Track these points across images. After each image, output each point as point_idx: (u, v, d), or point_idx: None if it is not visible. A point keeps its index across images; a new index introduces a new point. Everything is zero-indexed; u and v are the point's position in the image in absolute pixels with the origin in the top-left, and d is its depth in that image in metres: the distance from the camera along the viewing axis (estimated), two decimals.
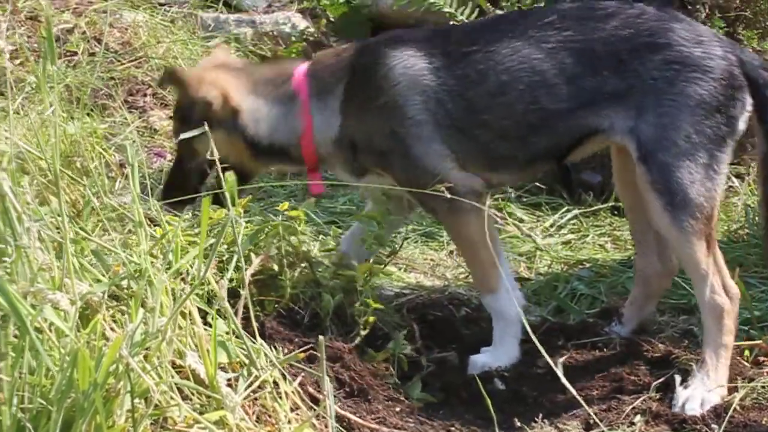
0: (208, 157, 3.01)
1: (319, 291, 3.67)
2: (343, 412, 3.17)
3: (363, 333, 3.66)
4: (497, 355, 3.76)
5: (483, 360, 3.76)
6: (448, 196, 3.45)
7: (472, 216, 3.68)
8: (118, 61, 5.98)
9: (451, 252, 4.84)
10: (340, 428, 3.15)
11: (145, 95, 5.80)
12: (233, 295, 3.09)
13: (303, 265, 3.72)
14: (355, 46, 3.88)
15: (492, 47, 3.69)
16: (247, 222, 3.70)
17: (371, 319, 3.67)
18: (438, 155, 3.69)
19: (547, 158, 3.79)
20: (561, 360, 3.24)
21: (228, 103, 3.73)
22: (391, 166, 3.72)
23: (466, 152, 3.71)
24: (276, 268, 3.64)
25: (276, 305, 3.60)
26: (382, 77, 3.70)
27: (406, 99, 3.68)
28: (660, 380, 3.65)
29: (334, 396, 3.20)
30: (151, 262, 2.93)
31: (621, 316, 4.04)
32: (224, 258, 3.47)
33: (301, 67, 3.82)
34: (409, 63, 3.70)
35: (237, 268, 3.27)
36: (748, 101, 3.65)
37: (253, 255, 3.58)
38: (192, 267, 3.07)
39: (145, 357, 2.73)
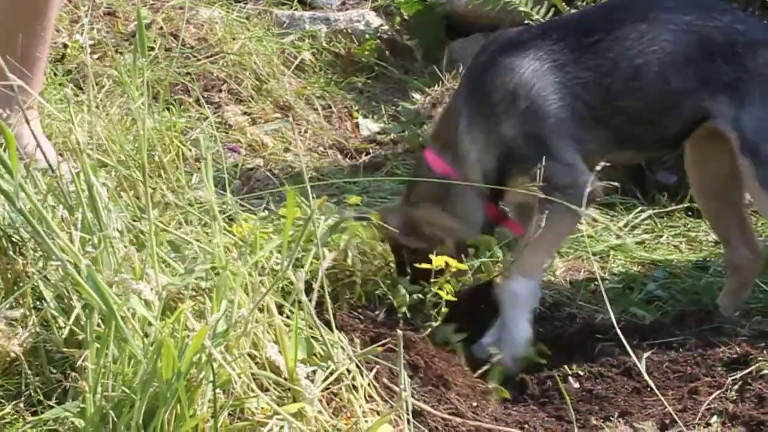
0: None
1: (395, 285, 3.67)
2: (418, 403, 3.17)
3: (435, 324, 3.66)
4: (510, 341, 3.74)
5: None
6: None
7: (576, 221, 3.81)
8: (194, 56, 6.03)
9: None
10: (416, 423, 3.16)
11: (220, 91, 5.84)
12: (306, 288, 3.08)
13: (377, 262, 3.73)
14: (463, 81, 3.91)
15: (616, 34, 3.75)
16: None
17: (444, 310, 3.67)
18: (574, 152, 3.72)
19: (667, 142, 3.86)
20: (645, 357, 3.25)
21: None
22: (532, 169, 3.66)
23: (596, 140, 3.77)
24: (350, 263, 3.64)
25: (349, 299, 3.61)
26: (516, 86, 3.71)
27: (545, 100, 3.70)
28: (737, 381, 3.61)
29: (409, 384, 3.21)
30: (229, 255, 2.96)
31: (717, 307, 4.07)
32: (301, 256, 3.48)
33: (426, 152, 3.82)
34: (536, 66, 3.72)
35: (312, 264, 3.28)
36: None
37: (326, 251, 3.58)
38: (270, 260, 3.09)
39: (226, 348, 2.76)
